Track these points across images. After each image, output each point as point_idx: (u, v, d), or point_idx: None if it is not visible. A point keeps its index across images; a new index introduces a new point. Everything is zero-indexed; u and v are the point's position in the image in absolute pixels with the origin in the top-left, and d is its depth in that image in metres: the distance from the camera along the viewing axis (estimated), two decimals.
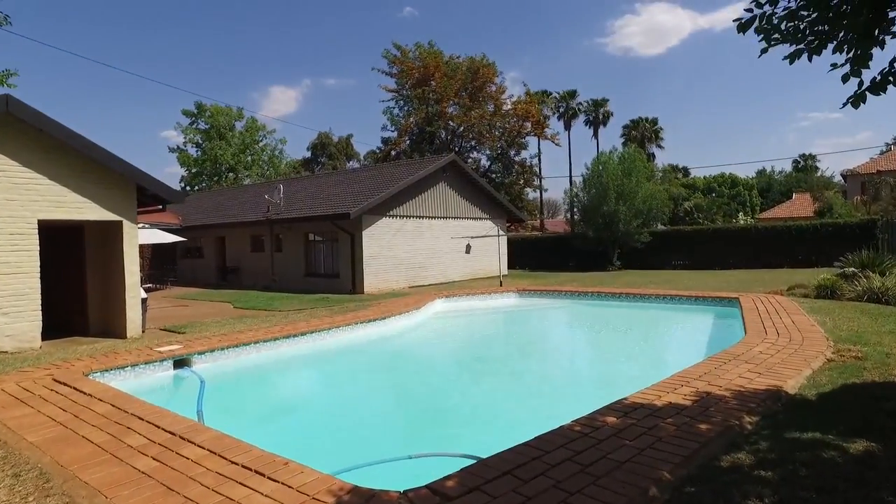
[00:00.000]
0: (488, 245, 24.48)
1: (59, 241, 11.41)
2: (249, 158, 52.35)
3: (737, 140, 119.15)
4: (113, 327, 10.70)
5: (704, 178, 60.65)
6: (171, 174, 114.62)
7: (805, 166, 73.71)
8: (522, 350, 10.07)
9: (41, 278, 9.29)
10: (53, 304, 11.92)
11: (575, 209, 33.04)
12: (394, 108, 44.00)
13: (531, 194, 50.64)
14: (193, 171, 50.66)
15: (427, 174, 22.29)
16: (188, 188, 50.72)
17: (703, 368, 5.86)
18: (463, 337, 11.77)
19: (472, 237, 21.27)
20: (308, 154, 63.00)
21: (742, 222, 44.80)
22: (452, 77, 40.47)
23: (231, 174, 50.67)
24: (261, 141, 54.09)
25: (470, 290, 15.48)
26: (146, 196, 10.82)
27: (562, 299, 14.73)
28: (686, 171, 65.91)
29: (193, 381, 7.23)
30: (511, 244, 31.22)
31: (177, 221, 16.47)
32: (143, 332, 10.88)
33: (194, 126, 51.38)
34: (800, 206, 43.99)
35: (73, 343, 9.98)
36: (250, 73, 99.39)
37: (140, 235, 22.47)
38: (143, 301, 11.37)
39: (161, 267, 28.45)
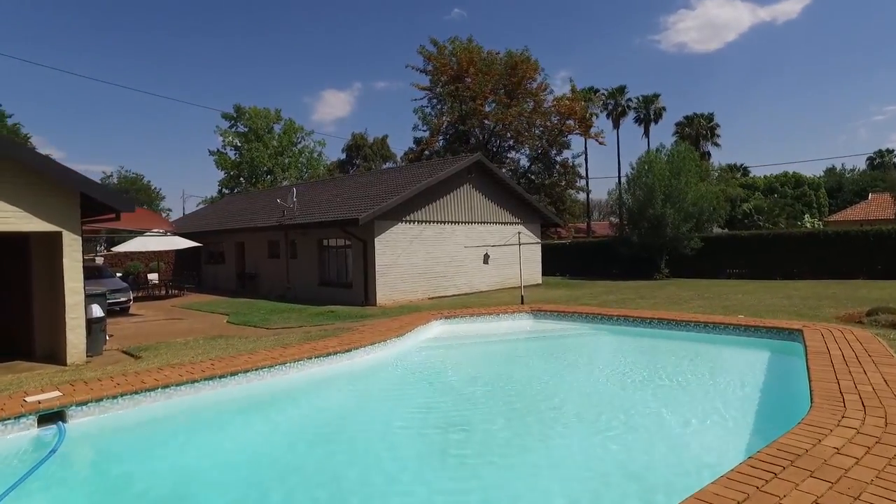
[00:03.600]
0: (523, 251, 22.23)
1: (4, 253, 10.24)
2: (287, 161, 51.90)
3: (801, 136, 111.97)
4: (57, 351, 9.40)
5: (765, 177, 56.30)
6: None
7: (882, 163, 67.44)
8: (508, 409, 6.88)
9: None
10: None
11: (620, 212, 30.47)
12: (426, 106, 42.30)
13: (578, 196, 47.93)
14: (231, 173, 50.52)
15: (448, 175, 20.45)
16: (225, 191, 50.70)
17: (739, 488, 3.49)
18: (442, 385, 8.47)
19: (490, 245, 19.24)
20: (343, 156, 62.12)
21: (808, 226, 40.79)
22: (488, 73, 38.42)
23: (269, 177, 50.29)
24: (298, 143, 53.60)
25: (476, 310, 13.18)
26: (97, 204, 9.47)
27: (580, 324, 12.23)
28: (745, 171, 61.36)
29: (61, 445, 5.49)
30: (550, 250, 29.04)
31: (169, 228, 15.30)
32: (90, 356, 9.54)
33: (233, 129, 51.32)
34: (877, 208, 39.59)
35: None
36: (302, 77, 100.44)
37: (156, 242, 21.93)
38: (99, 321, 10.06)
39: (183, 273, 27.78)
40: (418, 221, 19.94)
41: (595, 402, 7.10)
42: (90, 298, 10.22)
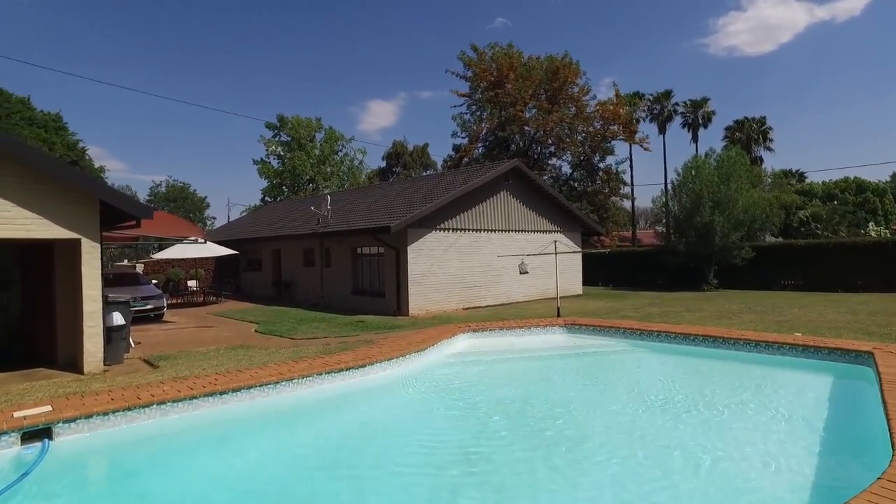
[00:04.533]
0: (562, 261, 21.31)
1: (32, 260, 10.27)
2: (329, 169, 52.40)
3: (863, 139, 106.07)
4: (77, 360, 9.29)
5: (824, 183, 53.34)
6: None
7: None
8: (532, 445, 5.87)
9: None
10: (27, 330, 10.85)
11: (667, 220, 29.20)
12: (465, 113, 41.85)
13: (622, 203, 46.45)
14: (274, 182, 51.32)
15: (484, 182, 19.87)
16: (268, 199, 51.50)
17: None
18: (462, 409, 7.41)
19: (525, 255, 18.49)
20: (383, 164, 62.28)
21: (873, 234, 38.20)
22: (528, 78, 37.71)
23: (311, 185, 50.85)
24: (339, 151, 54.09)
25: (506, 323, 12.30)
26: (115, 212, 9.35)
27: (617, 340, 11.25)
28: (801, 176, 58.34)
29: (38, 466, 5.05)
30: (593, 259, 28.03)
31: (200, 235, 15.32)
32: (109, 364, 9.40)
33: (276, 139, 52.20)
34: None
35: (13, 379, 8.59)
36: (347, 88, 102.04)
37: (194, 249, 22.17)
38: (120, 329, 9.93)
39: (221, 280, 28.10)
40: (453, 229, 19.42)
41: (626, 437, 6.08)
42: (112, 306, 10.12)
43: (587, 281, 25.88)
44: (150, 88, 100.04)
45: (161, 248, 22.57)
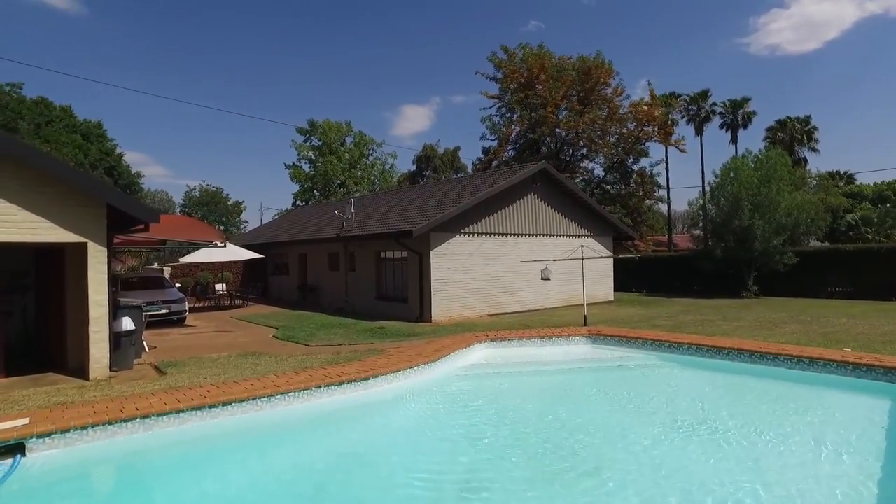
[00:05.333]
0: (591, 266, 20.53)
1: (47, 264, 10.19)
2: (359, 173, 52.51)
3: None
4: (84, 365, 9.11)
5: (875, 185, 50.70)
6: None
7: None
8: (542, 480, 5.12)
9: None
10: (42, 334, 10.79)
11: (704, 224, 28.00)
12: (495, 115, 41.18)
13: (658, 207, 44.92)
14: (305, 186, 51.68)
15: (510, 185, 19.29)
16: (299, 203, 51.87)
17: None
18: (467, 431, 6.70)
19: (549, 260, 17.78)
20: (413, 167, 62.10)
21: None
22: (559, 79, 36.87)
23: (341, 189, 51.01)
24: (370, 155, 54.16)
25: (527, 332, 11.60)
26: (126, 216, 9.15)
27: (644, 352, 10.38)
28: (850, 178, 55.66)
29: (3, 485, 4.73)
30: (626, 264, 27.07)
31: (220, 239, 15.17)
32: (115, 370, 9.19)
33: (308, 143, 52.59)
34: None
35: (20, 385, 8.44)
36: (381, 92, 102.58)
37: (219, 253, 22.18)
38: (129, 334, 9.72)
39: (249, 284, 28.18)
40: (478, 233, 18.89)
41: (651, 473, 5.29)
42: (122, 311, 9.95)
43: (620, 287, 24.99)
44: (190, 97, 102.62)
45: (187, 252, 22.68)
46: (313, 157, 52.26)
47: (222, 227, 62.72)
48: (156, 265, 27.05)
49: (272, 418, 6.74)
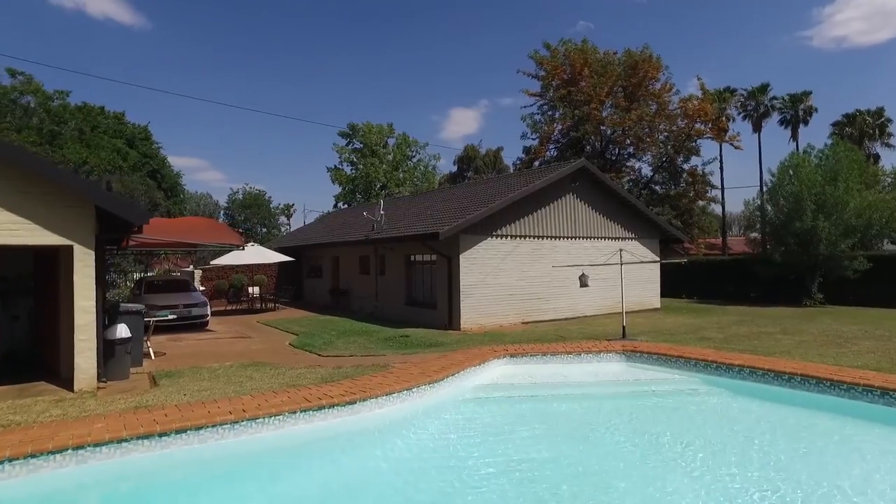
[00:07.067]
0: (635, 271, 19.03)
1: (44, 268, 9.75)
2: (401, 175, 52.03)
3: None
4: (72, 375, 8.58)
5: None
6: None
7: None
8: None
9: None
10: (39, 340, 10.37)
11: (762, 226, 25.92)
12: (536, 113, 39.73)
13: (711, 208, 42.37)
14: (347, 188, 51.59)
15: (547, 184, 18.08)
16: (341, 205, 51.82)
17: None
18: (455, 484, 5.32)
19: (585, 265, 16.48)
20: (454, 168, 61.21)
21: None
22: (604, 74, 35.21)
23: (383, 191, 50.67)
24: (413, 156, 53.62)
25: (552, 346, 10.28)
26: (115, 218, 8.57)
27: (686, 373, 8.87)
28: None
29: None
30: (674, 269, 25.35)
31: (239, 242, 14.66)
32: (104, 381, 8.62)
33: (349, 146, 52.52)
34: None
35: (6, 395, 7.93)
36: (430, 96, 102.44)
37: (249, 255, 21.86)
38: (124, 342, 9.16)
39: (283, 287, 27.89)
40: (511, 236, 17.77)
41: None
42: (120, 317, 9.42)
43: (669, 293, 23.35)
44: (241, 101, 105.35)
45: (217, 255, 22.46)
46: (355, 160, 52.13)
47: (264, 230, 63.44)
48: (191, 268, 27.03)
49: (234, 449, 5.76)
